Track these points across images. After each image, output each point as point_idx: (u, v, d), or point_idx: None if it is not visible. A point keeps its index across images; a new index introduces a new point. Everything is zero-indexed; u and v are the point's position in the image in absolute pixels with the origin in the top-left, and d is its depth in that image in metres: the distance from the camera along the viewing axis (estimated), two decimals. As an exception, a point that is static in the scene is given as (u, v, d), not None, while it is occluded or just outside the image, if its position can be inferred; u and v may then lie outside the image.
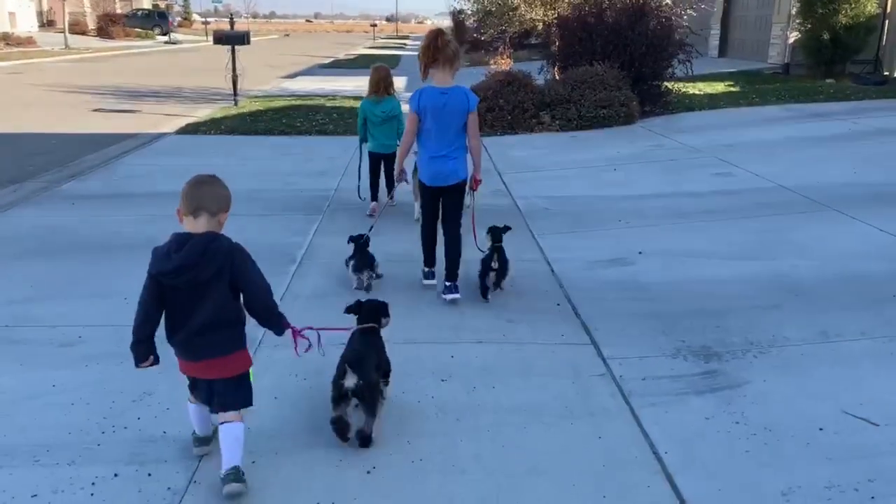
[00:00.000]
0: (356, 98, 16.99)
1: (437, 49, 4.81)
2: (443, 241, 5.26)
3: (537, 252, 6.08)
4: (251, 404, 3.07)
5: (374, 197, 7.42)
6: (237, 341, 2.99)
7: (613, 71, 12.66)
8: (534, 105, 12.65)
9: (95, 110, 15.61)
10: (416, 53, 5.40)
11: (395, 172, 5.44)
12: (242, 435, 2.99)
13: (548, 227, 6.75)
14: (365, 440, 3.25)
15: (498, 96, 12.47)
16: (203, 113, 14.76)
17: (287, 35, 72.07)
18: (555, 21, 15.14)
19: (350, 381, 3.14)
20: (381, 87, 7.27)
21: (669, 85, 13.83)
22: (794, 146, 9.58)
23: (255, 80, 19.80)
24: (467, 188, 5.28)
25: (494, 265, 5.07)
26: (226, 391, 2.99)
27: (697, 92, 15.49)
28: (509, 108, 12.49)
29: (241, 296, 2.96)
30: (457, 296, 5.04)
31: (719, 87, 16.66)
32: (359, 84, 21.33)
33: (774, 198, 7.24)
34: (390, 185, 7.20)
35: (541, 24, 15.66)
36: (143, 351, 2.93)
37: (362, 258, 5.30)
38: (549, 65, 14.87)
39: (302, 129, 12.57)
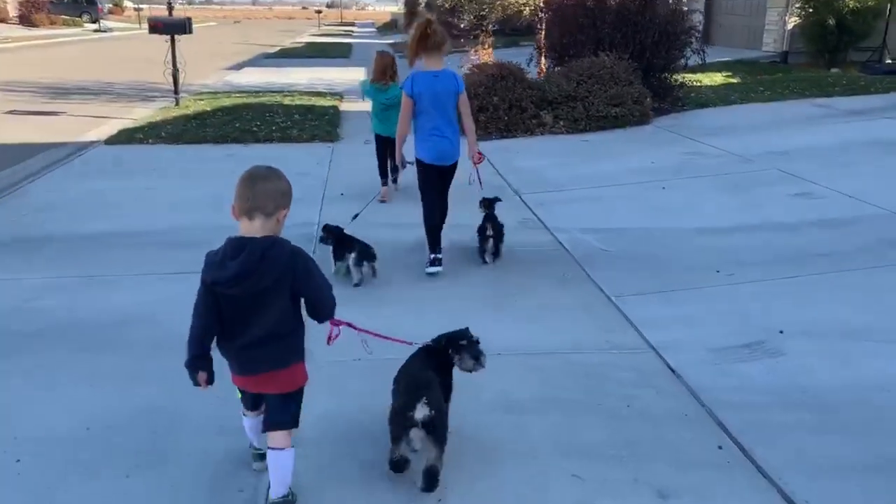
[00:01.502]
0: (316, 94, 14.99)
1: (427, 37, 5.01)
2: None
3: (630, 332, 4.30)
4: (297, 426, 2.84)
5: (385, 181, 7.45)
6: (295, 353, 2.79)
7: (623, 63, 10.95)
8: (533, 103, 10.87)
9: (8, 112, 13.18)
10: (364, 41, 7.89)
11: (397, 158, 5.47)
12: (292, 462, 2.82)
13: (622, 283, 4.99)
14: (433, 479, 2.86)
15: (491, 93, 10.64)
16: (139, 114, 12.55)
17: (237, 22, 68.48)
18: (544, 6, 13.33)
19: (421, 411, 2.76)
20: (388, 73, 7.22)
21: (681, 77, 12.21)
22: (864, 154, 8.02)
23: (196, 72, 17.48)
24: (471, 164, 5.45)
25: (490, 233, 5.42)
26: (278, 408, 2.80)
27: (696, 84, 13.93)
28: (505, 107, 10.68)
29: (304, 302, 2.73)
30: (440, 269, 5.28)
31: (718, 79, 15.14)
32: (314, 76, 19.30)
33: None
34: (395, 170, 7.32)
35: (527, 9, 13.83)
36: (200, 366, 2.67)
37: (362, 250, 5.12)
38: (539, 55, 13.09)
39: (261, 136, 10.51)
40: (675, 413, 3.43)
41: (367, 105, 7.75)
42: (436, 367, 3.06)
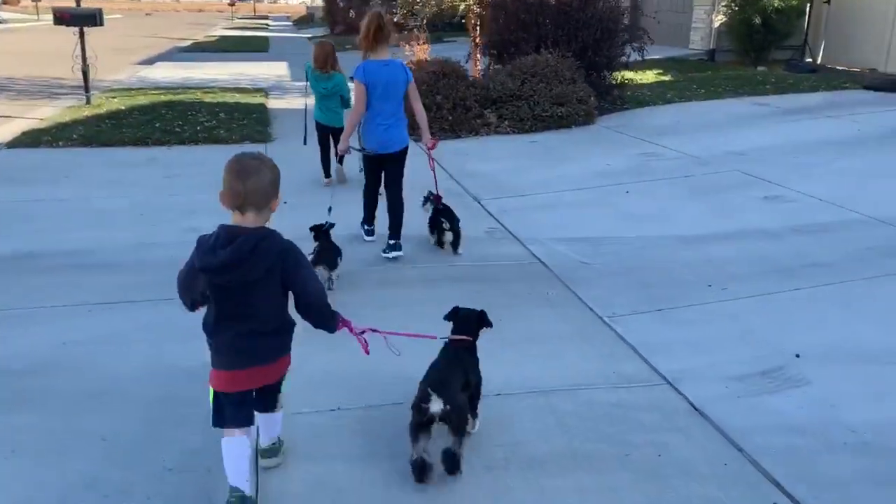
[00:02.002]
0: (239, 90, 14.11)
1: (381, 29, 5.16)
2: (386, 204, 5.57)
3: (637, 361, 3.87)
4: (280, 408, 2.92)
5: (328, 173, 7.60)
6: (285, 349, 2.77)
7: (567, 61, 10.62)
8: (477, 102, 10.42)
9: None
10: (282, 35, 9.57)
11: (342, 145, 5.51)
12: (281, 420, 2.94)
13: (612, 301, 4.57)
14: (454, 463, 2.86)
15: (434, 91, 10.11)
16: (45, 114, 11.42)
17: (149, 15, 65.14)
18: (482, 2, 12.87)
19: (435, 405, 2.79)
20: (329, 62, 7.27)
21: (620, 75, 11.99)
22: (818, 154, 7.90)
23: (106, 68, 16.30)
24: (426, 148, 5.65)
25: (446, 226, 5.49)
26: (266, 396, 2.82)
27: (630, 82, 13.78)
28: (449, 107, 10.19)
29: (293, 297, 2.68)
30: (400, 253, 5.42)
31: (650, 76, 15.07)
32: (235, 72, 18.29)
33: (883, 238, 5.43)
34: (339, 159, 7.23)
35: (462, 4, 13.35)
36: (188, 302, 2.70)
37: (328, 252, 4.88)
38: (479, 53, 12.64)
39: (185, 137, 9.66)
40: (715, 463, 3.01)
41: (295, 102, 8.25)
42: (460, 355, 3.14)
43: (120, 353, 3.94)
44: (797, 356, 3.82)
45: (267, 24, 52.53)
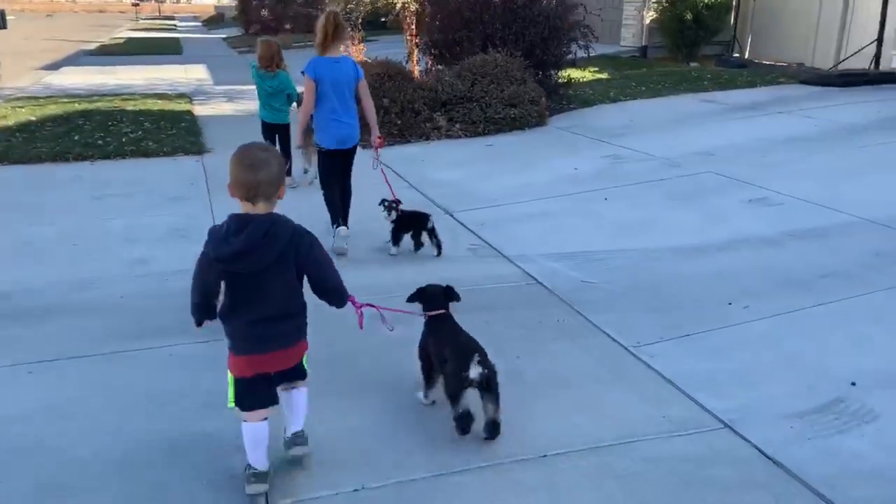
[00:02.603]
0: (160, 97, 13.13)
1: (337, 27, 5.30)
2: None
3: (683, 401, 3.45)
4: (305, 377, 2.91)
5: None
6: (302, 332, 2.84)
7: (516, 60, 10.23)
8: (426, 105, 9.91)
9: None
10: (193, 36, 10.19)
11: (297, 140, 5.87)
12: (306, 399, 2.94)
13: (633, 328, 4.16)
14: (496, 429, 3.11)
15: (380, 94, 9.54)
16: (-58, 128, 10.24)
17: (50, 16, 61.06)
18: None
19: (475, 371, 3.01)
20: (274, 61, 7.22)
21: (566, 74, 11.71)
22: (786, 152, 7.76)
23: (6, 74, 14.98)
24: (373, 148, 5.61)
25: (430, 224, 5.45)
26: (289, 375, 2.83)
27: (573, 81, 13.55)
28: (397, 110, 9.65)
29: (307, 279, 2.74)
30: (346, 228, 5.57)
31: (587, 75, 14.88)
32: (151, 76, 17.13)
33: (886, 242, 5.22)
34: (286, 157, 7.06)
35: (399, 3, 12.79)
36: (201, 313, 2.76)
37: None
38: (412, 53, 12.11)
39: (110, 151, 8.76)
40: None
41: (223, 108, 8.56)
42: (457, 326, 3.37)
43: (79, 429, 3.25)
44: (853, 384, 3.49)
45: (175, 25, 50.38)
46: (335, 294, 2.81)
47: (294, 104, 7.41)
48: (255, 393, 2.74)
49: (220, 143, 9.30)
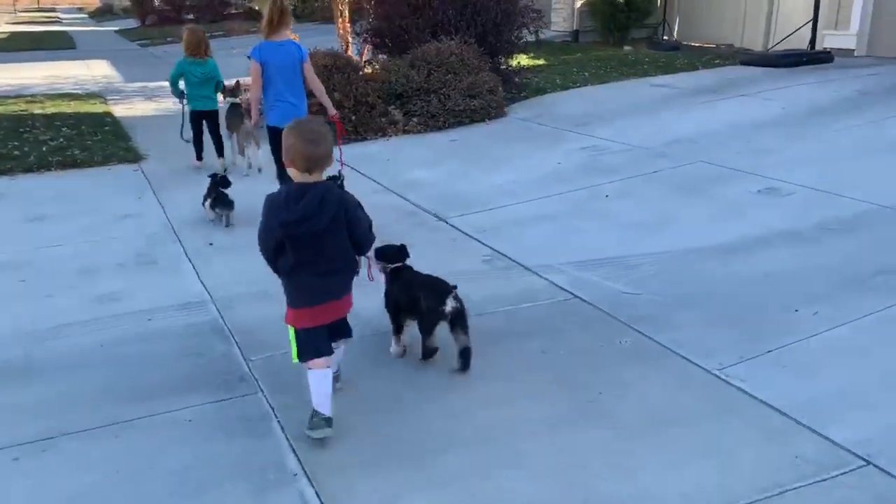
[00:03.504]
0: (70, 97, 11.90)
1: (282, 14, 5.51)
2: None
3: (808, 435, 3.03)
4: (352, 335, 3.32)
5: (200, 156, 7.61)
6: (349, 285, 3.16)
7: (471, 48, 9.69)
8: (380, 98, 9.25)
9: None
10: (83, 29, 11.69)
11: (252, 121, 6.03)
12: (331, 382, 3.12)
13: (705, 345, 3.74)
14: (469, 355, 3.50)
15: (330, 88, 8.77)
16: None
17: None
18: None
19: (450, 305, 3.43)
20: (202, 48, 7.29)
21: (517, 61, 11.27)
22: (765, 137, 7.53)
23: None
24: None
25: None
26: (343, 327, 3.22)
27: (523, 68, 13.15)
28: (351, 105, 8.94)
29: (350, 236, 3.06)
30: None
31: (524, 60, 14.46)
32: (49, 74, 15.58)
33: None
34: (220, 145, 7.56)
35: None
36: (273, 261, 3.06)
37: (219, 197, 5.79)
38: (360, 42, 11.37)
39: (31, 163, 7.72)
40: None
41: (142, 107, 9.22)
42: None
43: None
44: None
45: (58, 18, 47.07)
46: (365, 246, 3.19)
47: (220, 92, 7.60)
48: (315, 341, 3.05)
49: (154, 148, 8.40)
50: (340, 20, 12.56)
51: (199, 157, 7.60)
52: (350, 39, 12.39)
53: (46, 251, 5.29)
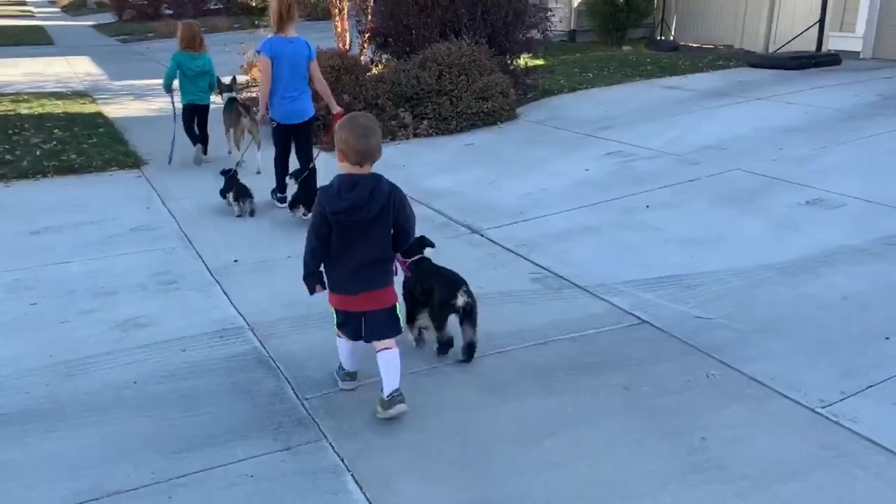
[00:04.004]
0: (56, 96, 11.37)
1: (290, 8, 5.66)
2: (296, 173, 6.04)
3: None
4: (401, 332, 3.31)
5: (195, 141, 7.57)
6: (389, 276, 3.26)
7: (483, 48, 9.35)
8: (390, 101, 8.88)
9: None
10: (59, 24, 10.88)
11: (259, 115, 6.16)
12: (399, 360, 3.20)
13: (799, 378, 3.44)
14: (473, 349, 3.61)
15: (339, 90, 8.44)
16: None
17: None
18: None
19: (461, 299, 3.49)
20: (197, 41, 7.34)
21: (524, 62, 10.95)
22: (796, 144, 7.26)
23: None
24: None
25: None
26: (381, 321, 3.21)
27: (532, 69, 12.81)
28: (360, 108, 8.54)
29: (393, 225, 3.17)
30: (284, 206, 6.16)
31: (522, 61, 14.19)
32: (31, 72, 14.96)
33: None
34: (206, 140, 7.67)
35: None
36: (317, 279, 3.21)
37: (239, 189, 5.96)
38: (365, 42, 10.97)
39: (25, 168, 7.25)
40: None
41: (133, 107, 9.79)
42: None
43: None
44: None
45: (31, 12, 45.86)
46: (406, 241, 3.26)
47: (216, 91, 7.63)
48: (348, 325, 3.24)
49: (155, 153, 7.96)
50: (338, 18, 12.16)
51: (196, 142, 7.58)
52: (348, 38, 12.01)
53: (56, 269, 4.86)
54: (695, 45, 15.63)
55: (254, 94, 11.37)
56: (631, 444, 3.01)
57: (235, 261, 4.98)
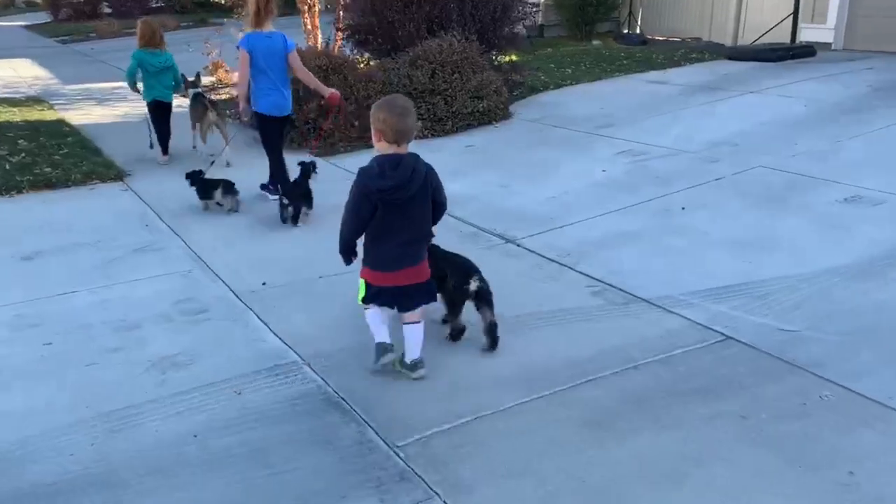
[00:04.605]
0: (11, 103, 10.58)
1: (267, 3, 5.75)
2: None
3: None
4: (435, 300, 3.51)
5: (166, 150, 7.57)
6: (426, 251, 3.43)
7: (474, 44, 9.02)
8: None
9: None
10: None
11: (241, 109, 6.10)
12: (423, 333, 3.43)
13: (918, 397, 3.22)
14: (496, 329, 3.63)
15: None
16: None
17: None
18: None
19: (474, 284, 3.57)
20: (157, 38, 7.40)
21: (509, 58, 10.66)
22: (805, 137, 7.10)
23: None
24: (330, 112, 7.08)
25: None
26: (417, 293, 3.38)
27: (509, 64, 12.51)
28: (352, 109, 8.16)
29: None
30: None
31: (508, 56, 13.90)
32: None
33: None
34: (168, 135, 7.61)
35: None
36: (353, 253, 3.40)
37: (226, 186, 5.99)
38: (345, 40, 10.50)
39: (11, 184, 6.59)
40: None
41: (97, 112, 9.50)
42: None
43: None
44: None
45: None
46: (438, 217, 3.45)
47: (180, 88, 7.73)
48: (382, 296, 3.36)
49: (134, 163, 7.44)
50: (308, 14, 11.66)
51: (165, 152, 7.58)
52: (319, 35, 11.54)
53: (61, 301, 4.34)
54: (661, 39, 15.59)
55: (223, 96, 10.84)
56: (771, 483, 2.74)
57: (263, 283, 4.54)
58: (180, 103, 8.08)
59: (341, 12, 11.13)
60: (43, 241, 5.29)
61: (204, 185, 5.94)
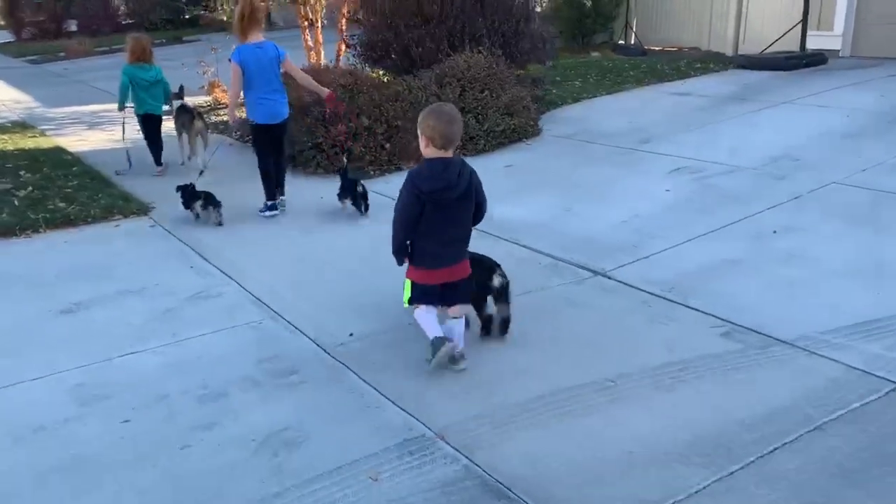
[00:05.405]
0: (14, 129, 9.88)
1: (252, 12, 5.83)
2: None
3: None
4: (470, 301, 3.75)
5: (159, 161, 7.74)
6: (467, 250, 3.65)
7: (500, 59, 8.61)
8: (411, 121, 7.98)
9: None
10: None
11: (230, 119, 6.39)
12: (464, 328, 3.66)
13: None
14: (508, 323, 3.89)
15: (356, 112, 7.52)
16: None
17: None
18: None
19: (497, 280, 3.77)
20: (147, 54, 7.55)
21: (527, 72, 10.27)
22: (861, 152, 6.81)
23: None
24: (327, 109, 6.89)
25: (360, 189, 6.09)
26: (459, 289, 3.61)
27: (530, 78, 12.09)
28: (383, 131, 7.66)
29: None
30: (277, 213, 6.21)
31: (528, 70, 13.50)
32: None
33: None
34: (160, 148, 7.76)
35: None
36: (405, 254, 3.55)
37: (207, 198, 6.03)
38: (358, 57, 10.00)
39: (10, 222, 6.00)
40: None
41: (95, 138, 9.31)
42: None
43: None
44: None
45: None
46: (479, 218, 3.66)
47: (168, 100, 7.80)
48: (428, 295, 3.59)
49: (152, 193, 6.83)
50: (310, 30, 11.16)
51: (159, 163, 7.74)
52: (322, 51, 11.05)
53: (126, 364, 3.76)
54: (658, 49, 15.39)
55: (223, 116, 10.26)
56: None
57: (351, 334, 4.02)
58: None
59: (344, 28, 10.68)
60: (80, 290, 4.70)
61: (188, 196, 6.01)
